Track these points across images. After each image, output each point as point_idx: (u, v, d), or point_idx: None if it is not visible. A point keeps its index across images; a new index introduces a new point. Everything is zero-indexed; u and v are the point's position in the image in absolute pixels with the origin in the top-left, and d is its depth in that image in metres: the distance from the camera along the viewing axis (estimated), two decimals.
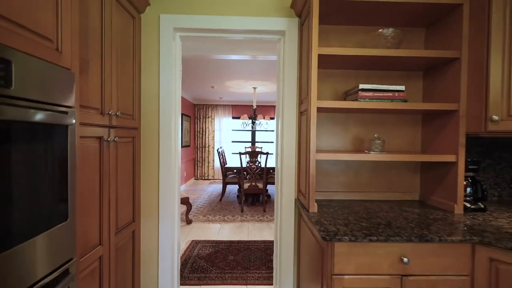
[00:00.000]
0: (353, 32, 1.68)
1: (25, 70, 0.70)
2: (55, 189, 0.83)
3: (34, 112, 0.71)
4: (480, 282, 1.07)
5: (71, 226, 0.90)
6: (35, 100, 0.73)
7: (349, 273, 1.08)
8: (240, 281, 2.22)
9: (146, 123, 1.71)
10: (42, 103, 0.76)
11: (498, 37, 1.26)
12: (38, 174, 0.76)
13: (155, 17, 1.68)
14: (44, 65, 0.76)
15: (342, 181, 1.71)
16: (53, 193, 0.82)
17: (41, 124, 0.76)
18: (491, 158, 1.73)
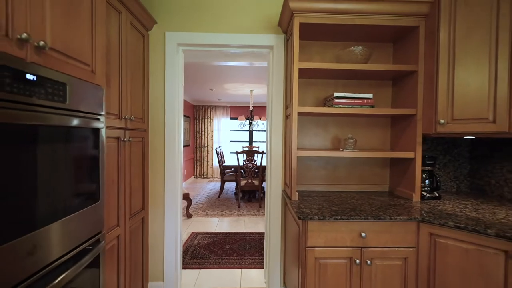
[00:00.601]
0: (332, 46, 1.96)
1: (74, 89, 0.97)
2: (92, 176, 1.10)
3: (80, 120, 0.98)
4: (423, 252, 1.34)
5: (101, 206, 1.17)
6: (81, 110, 1.00)
7: (319, 246, 1.35)
8: (236, 265, 2.50)
9: (153, 125, 1.98)
10: (84, 113, 1.03)
11: (444, 54, 1.53)
12: (81, 166, 1.02)
13: (161, 34, 1.95)
14: (84, 84, 1.03)
15: (322, 175, 1.99)
16: (90, 179, 1.09)
17: (84, 128, 1.03)
18: (451, 155, 2.01)
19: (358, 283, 1.35)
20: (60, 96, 0.90)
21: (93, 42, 1.12)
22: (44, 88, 0.83)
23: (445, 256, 1.28)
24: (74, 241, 0.99)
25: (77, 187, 1.00)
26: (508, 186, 1.71)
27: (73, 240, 0.98)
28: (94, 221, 1.11)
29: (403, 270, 1.37)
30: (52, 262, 0.88)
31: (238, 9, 1.97)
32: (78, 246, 1.01)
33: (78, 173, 1.01)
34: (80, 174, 1.02)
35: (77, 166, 1.00)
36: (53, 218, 0.88)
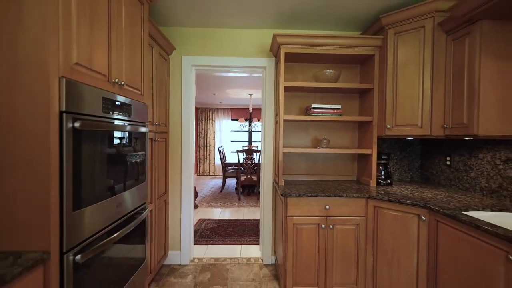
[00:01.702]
0: (312, 67, 2.51)
1: (134, 107, 1.52)
2: (143, 165, 1.65)
3: (137, 127, 1.53)
4: (369, 219, 1.89)
5: (146, 184, 1.72)
6: (137, 121, 1.55)
7: (296, 215, 1.90)
8: (237, 242, 3.05)
9: (172, 128, 2.53)
10: (139, 122, 1.58)
11: (390, 76, 2.08)
12: (138, 157, 1.58)
13: (178, 58, 2.50)
14: (138, 103, 1.58)
15: (304, 167, 2.54)
16: (142, 167, 1.64)
17: (139, 132, 1.58)
18: (406, 152, 2.56)
19: (324, 242, 1.91)
20: (128, 112, 1.45)
21: (142, 74, 1.67)
22: (122, 108, 1.38)
23: (383, 221, 1.83)
24: (135, 204, 1.54)
25: (137, 170, 1.55)
26: (443, 175, 2.26)
27: (135, 203, 1.53)
28: (143, 194, 1.67)
29: (355, 232, 1.92)
30: (125, 214, 1.43)
31: (238, 38, 2.53)
32: (137, 208, 1.57)
33: (137, 161, 1.56)
34: (138, 161, 1.57)
35: (137, 156, 1.55)
36: (127, 188, 1.43)
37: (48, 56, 0.91)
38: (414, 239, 1.70)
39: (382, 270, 1.85)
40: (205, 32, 2.51)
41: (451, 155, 2.17)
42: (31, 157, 0.91)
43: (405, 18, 1.98)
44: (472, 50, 1.64)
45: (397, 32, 2.04)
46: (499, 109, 1.60)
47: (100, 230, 1.19)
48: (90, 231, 1.11)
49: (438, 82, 1.88)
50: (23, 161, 0.90)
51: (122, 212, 1.39)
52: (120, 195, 1.36)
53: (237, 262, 2.59)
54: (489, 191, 1.82)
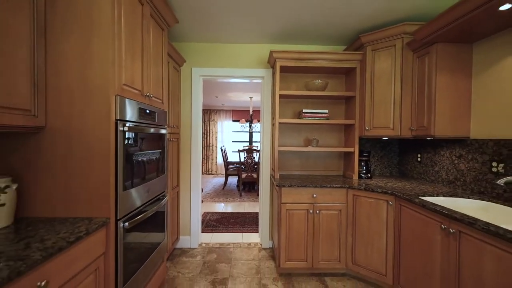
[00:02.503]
0: (303, 77, 2.90)
1: (158, 114, 1.91)
2: (163, 160, 2.04)
3: (159, 129, 1.92)
4: (349, 206, 2.28)
5: (166, 176, 2.11)
6: (160, 124, 1.95)
7: (289, 202, 2.29)
8: (238, 231, 3.44)
9: (183, 130, 2.92)
10: (161, 125, 1.97)
11: (368, 86, 2.46)
12: (160, 154, 1.97)
13: (189, 69, 2.89)
14: (160, 110, 1.97)
15: (298, 164, 2.92)
16: (162, 162, 2.03)
17: (160, 134, 1.97)
18: (386, 150, 2.94)
19: (311, 225, 2.29)
20: (154, 118, 1.84)
21: (163, 86, 2.06)
22: (150, 115, 1.77)
23: (360, 207, 2.22)
24: (158, 191, 1.93)
25: (159, 164, 1.95)
26: (415, 169, 2.64)
27: (158, 190, 1.92)
28: (164, 184, 2.06)
29: (338, 216, 2.30)
30: (152, 198, 1.82)
31: (240, 52, 2.92)
32: (159, 194, 1.96)
33: (160, 157, 1.95)
34: (160, 157, 1.96)
35: (159, 153, 1.94)
36: (153, 178, 1.82)
37: (108, 81, 1.30)
38: (384, 220, 2.09)
39: (359, 247, 2.24)
40: (211, 46, 2.91)
41: (421, 152, 2.56)
42: (99, 151, 1.30)
43: (380, 38, 2.37)
44: (430, 67, 2.03)
45: (374, 49, 2.42)
46: (451, 115, 1.98)
47: (137, 207, 1.58)
48: (132, 207, 1.50)
49: (406, 92, 2.27)
50: (96, 154, 1.29)
51: (150, 196, 1.78)
52: (149, 183, 1.75)
53: (239, 246, 2.97)
54: (448, 182, 2.21)
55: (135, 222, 1.49)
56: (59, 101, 1.28)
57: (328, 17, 2.28)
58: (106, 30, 1.29)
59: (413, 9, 2.14)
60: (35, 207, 1.29)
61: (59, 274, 0.99)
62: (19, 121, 1.12)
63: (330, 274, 2.38)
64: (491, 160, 1.82)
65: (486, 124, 1.87)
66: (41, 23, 1.25)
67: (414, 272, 1.79)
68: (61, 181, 1.29)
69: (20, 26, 1.13)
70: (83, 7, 1.28)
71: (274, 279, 2.29)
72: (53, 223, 1.20)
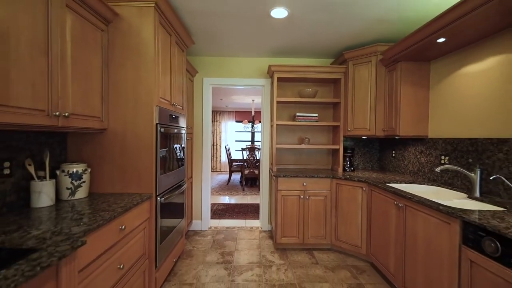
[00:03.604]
0: (297, 85, 3.41)
1: (180, 118, 2.44)
2: (183, 154, 2.57)
3: (181, 130, 2.44)
4: (333, 192, 2.80)
5: (185, 168, 2.64)
6: (181, 126, 2.47)
7: (284, 189, 2.81)
8: (242, 218, 3.96)
9: (195, 130, 3.45)
10: (182, 127, 2.50)
11: (350, 94, 2.97)
12: (181, 150, 2.49)
13: (200, 79, 3.42)
14: (181, 115, 2.50)
15: (293, 159, 3.44)
16: (182, 156, 2.56)
17: (182, 134, 2.50)
18: (368, 147, 3.45)
19: (302, 208, 2.81)
20: (178, 121, 2.37)
21: (183, 95, 2.59)
22: (175, 119, 2.30)
23: (342, 193, 2.73)
24: (180, 179, 2.46)
25: (181, 157, 2.47)
26: (391, 164, 3.15)
27: (180, 178, 2.45)
28: (183, 173, 2.59)
29: (324, 201, 2.82)
30: (176, 183, 2.35)
31: (243, 64, 3.44)
32: (180, 181, 2.49)
33: (181, 152, 2.48)
34: (181, 152, 2.49)
35: (181, 148, 2.47)
36: (176, 168, 2.35)
37: (151, 96, 1.82)
38: (359, 203, 2.60)
39: (340, 226, 2.75)
40: (219, 60, 3.43)
41: (395, 149, 3.06)
42: (146, 146, 1.83)
43: (359, 55, 2.88)
44: (396, 80, 2.53)
45: (354, 63, 2.94)
46: (412, 119, 2.49)
47: (167, 189, 2.11)
48: (165, 188, 2.03)
49: (380, 99, 2.78)
50: (144, 149, 1.82)
51: (174, 182, 2.31)
52: (174, 171, 2.28)
53: (243, 229, 3.50)
54: (413, 173, 2.71)
55: (167, 199, 2.02)
56: (118, 111, 1.81)
57: (315, 38, 2.80)
58: (149, 59, 1.82)
59: (385, 31, 2.64)
60: (101, 186, 1.82)
61: (130, 223, 1.52)
62: (95, 125, 1.66)
63: (318, 248, 2.89)
64: (441, 155, 2.33)
65: (439, 126, 2.38)
66: (105, 58, 1.78)
67: (379, 242, 2.30)
68: (119, 167, 1.82)
69: (95, 61, 1.66)
70: (134, 45, 1.81)
71: (272, 252, 2.81)
72: (116, 196, 1.73)
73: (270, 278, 2.29)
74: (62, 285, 0.93)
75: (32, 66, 1.17)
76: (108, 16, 1.73)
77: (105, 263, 1.29)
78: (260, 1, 2.05)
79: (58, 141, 1.73)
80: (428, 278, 1.66)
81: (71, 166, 1.61)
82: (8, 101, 1.06)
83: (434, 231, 1.62)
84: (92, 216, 1.30)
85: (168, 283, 2.18)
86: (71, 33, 1.43)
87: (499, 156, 1.77)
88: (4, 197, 1.36)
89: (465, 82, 2.08)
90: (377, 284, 2.21)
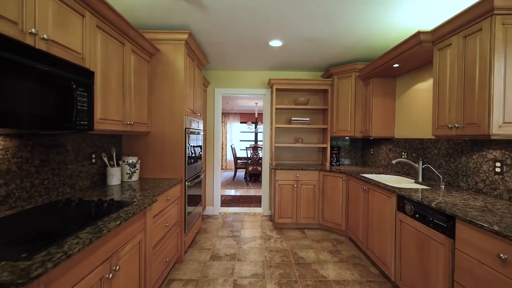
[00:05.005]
0: (293, 94, 4.09)
1: (199, 122, 3.13)
2: (201, 151, 3.27)
3: (200, 131, 3.14)
4: (320, 182, 3.47)
5: (202, 162, 3.34)
6: (200, 129, 3.17)
7: (281, 179, 3.49)
8: (246, 206, 4.65)
9: (208, 132, 4.15)
10: (200, 129, 3.20)
11: (335, 102, 3.64)
12: (199, 148, 3.19)
13: (212, 89, 4.12)
14: (200, 120, 3.20)
15: (289, 156, 4.12)
16: (200, 152, 3.26)
17: (200, 134, 3.20)
18: (353, 146, 4.11)
19: (295, 194, 3.49)
20: (198, 125, 3.07)
21: (201, 104, 3.29)
22: (196, 124, 2.99)
23: (327, 183, 3.41)
24: (199, 170, 3.16)
25: (199, 153, 3.17)
26: (370, 160, 3.81)
27: (198, 169, 3.15)
28: (201, 165, 3.29)
29: (313, 189, 3.49)
30: (196, 174, 3.05)
31: (247, 76, 4.13)
32: (199, 172, 3.19)
33: (200, 149, 3.17)
34: (200, 149, 3.19)
35: (200, 147, 3.16)
36: (196, 161, 3.05)
37: (182, 108, 2.52)
38: (340, 190, 3.27)
39: (326, 208, 3.43)
40: (228, 73, 4.13)
41: (373, 148, 3.72)
42: (178, 144, 2.53)
43: (342, 71, 3.55)
44: (370, 92, 3.20)
45: (339, 77, 3.61)
46: (382, 123, 3.15)
47: (191, 176, 2.81)
48: (190, 175, 2.73)
49: (358, 107, 3.45)
50: (177, 147, 2.52)
51: (195, 172, 3.01)
52: (195, 164, 2.98)
53: (247, 214, 4.19)
54: (384, 166, 3.38)
55: (191, 184, 2.72)
56: (158, 119, 2.51)
57: (305, 58, 3.47)
58: (180, 83, 2.52)
59: (360, 54, 3.30)
60: (147, 172, 2.53)
61: (172, 196, 2.22)
62: (144, 129, 2.36)
63: (308, 228, 3.57)
64: (402, 151, 2.99)
65: (401, 129, 3.04)
66: (150, 82, 2.48)
67: (353, 219, 2.97)
68: (159, 160, 2.52)
69: (144, 85, 2.37)
70: (170, 72, 2.51)
71: (271, 230, 3.50)
72: (158, 180, 2.43)
73: (269, 246, 2.98)
74: (147, 222, 1.63)
75: (116, 93, 1.88)
76: (152, 52, 2.43)
77: (160, 219, 1.99)
78: (261, 36, 2.73)
79: (118, 140, 2.45)
80: (380, 237, 2.34)
81: (129, 158, 2.32)
82: (107, 116, 1.76)
83: (383, 204, 2.29)
84: (151, 189, 2.00)
85: (191, 248, 2.89)
86: (133, 68, 2.13)
87: (434, 152, 2.44)
88: (92, 177, 2.07)
89: (417, 95, 2.74)
90: (350, 250, 2.88)
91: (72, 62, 1.36)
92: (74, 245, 0.96)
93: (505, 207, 1.56)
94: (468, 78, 1.71)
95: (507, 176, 1.74)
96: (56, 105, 1.24)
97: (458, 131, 1.80)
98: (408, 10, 2.13)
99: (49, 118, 1.20)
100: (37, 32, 1.16)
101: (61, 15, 1.34)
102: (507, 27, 1.52)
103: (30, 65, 1.11)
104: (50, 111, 1.21)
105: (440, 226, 1.58)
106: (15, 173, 1.40)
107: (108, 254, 1.22)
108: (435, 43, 2.02)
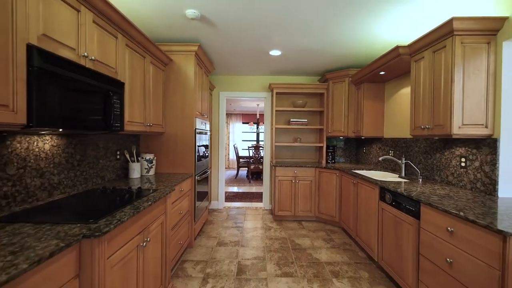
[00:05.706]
0: (292, 97, 4.42)
1: (206, 123, 3.47)
2: (208, 149, 3.61)
3: (207, 132, 3.48)
4: (316, 178, 3.80)
5: (209, 159, 3.67)
6: (207, 129, 3.51)
7: (280, 175, 3.82)
8: (248, 201, 4.99)
9: (213, 132, 4.49)
10: (207, 130, 3.54)
11: (330, 104, 3.96)
12: (206, 147, 3.53)
13: (217, 93, 4.46)
14: (207, 121, 3.53)
15: (289, 154, 4.45)
16: (207, 150, 3.60)
17: (207, 134, 3.53)
18: (348, 145, 4.43)
19: (293, 189, 3.81)
20: (206, 126, 3.41)
21: (208, 107, 3.62)
22: (204, 125, 3.33)
23: (322, 178, 3.73)
24: (206, 167, 3.49)
25: (206, 151, 3.51)
26: (363, 157, 4.13)
27: (206, 166, 3.49)
28: (208, 162, 3.62)
29: (310, 184, 3.82)
30: (203, 170, 3.38)
31: (250, 81, 4.46)
32: (206, 168, 3.52)
33: (207, 148, 3.51)
34: (207, 147, 3.52)
35: (207, 145, 3.50)
36: (203, 158, 3.39)
37: (192, 111, 2.86)
38: (334, 185, 3.60)
39: (322, 202, 3.75)
40: (232, 78, 4.47)
41: (365, 147, 4.04)
42: (189, 143, 2.86)
43: (336, 76, 3.87)
44: (361, 96, 3.52)
45: (333, 82, 3.93)
46: (372, 124, 3.47)
47: (200, 172, 3.14)
48: (199, 171, 3.07)
49: (351, 109, 3.77)
50: (188, 145, 2.86)
51: (203, 168, 3.34)
52: (203, 160, 3.32)
53: (250, 208, 4.52)
54: (375, 164, 3.69)
55: (200, 178, 3.06)
56: (171, 121, 2.85)
57: (303, 65, 3.80)
58: (191, 89, 2.85)
59: (352, 61, 3.62)
60: (161, 167, 2.87)
61: (184, 188, 2.56)
62: (159, 130, 2.70)
63: (306, 220, 3.90)
64: (389, 150, 3.31)
65: (389, 129, 3.35)
66: (164, 88, 2.82)
67: (346, 211, 3.30)
68: (172, 157, 2.86)
69: (160, 91, 2.70)
70: (181, 79, 2.85)
71: (271, 221, 3.83)
72: (172, 175, 2.77)
73: (269, 235, 3.31)
74: (167, 207, 1.97)
75: (139, 99, 2.22)
76: (167, 62, 2.77)
77: (175, 207, 2.33)
78: (262, 47, 3.06)
79: (136, 140, 2.79)
80: (366, 225, 2.66)
81: (146, 155, 2.66)
82: (133, 119, 2.10)
83: (369, 195, 2.61)
84: (167, 181, 2.34)
85: (199, 236, 3.22)
86: (152, 77, 2.48)
87: (415, 149, 2.75)
88: (117, 171, 2.42)
89: (402, 100, 3.06)
90: (342, 239, 3.21)
91: (109, 76, 1.70)
92: (123, 215, 1.30)
93: (464, 194, 1.88)
94: (436, 87, 2.03)
95: (469, 169, 2.06)
96: (99, 111, 1.58)
97: (429, 131, 2.12)
98: (391, 23, 2.45)
99: (95, 121, 1.55)
100: (87, 55, 1.50)
101: (102, 38, 1.68)
102: (465, 46, 1.85)
103: (83, 81, 1.45)
104: (95, 116, 1.55)
105: (410, 210, 1.91)
106: (64, 165, 1.75)
107: (142, 227, 1.56)
108: (412, 55, 2.35)
